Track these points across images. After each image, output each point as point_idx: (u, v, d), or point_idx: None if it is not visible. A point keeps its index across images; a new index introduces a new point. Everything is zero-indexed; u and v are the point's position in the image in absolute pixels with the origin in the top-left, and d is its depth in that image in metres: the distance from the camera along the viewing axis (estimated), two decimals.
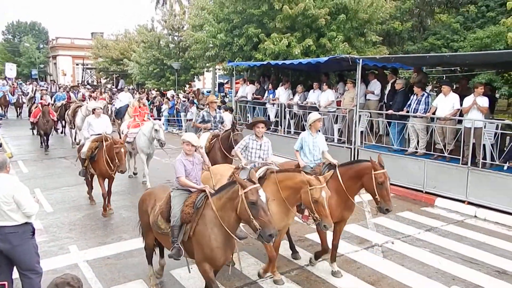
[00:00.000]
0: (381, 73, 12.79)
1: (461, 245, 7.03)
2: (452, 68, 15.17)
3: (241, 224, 4.63)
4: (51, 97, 20.67)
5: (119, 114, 17.21)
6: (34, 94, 21.73)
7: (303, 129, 13.28)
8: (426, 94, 10.17)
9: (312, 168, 6.27)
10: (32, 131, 16.66)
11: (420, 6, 18.56)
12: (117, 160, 7.94)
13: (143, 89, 28.25)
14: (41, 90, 20.07)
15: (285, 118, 13.92)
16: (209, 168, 5.38)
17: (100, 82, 41.38)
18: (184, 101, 20.07)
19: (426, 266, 6.25)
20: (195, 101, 19.91)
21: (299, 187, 5.05)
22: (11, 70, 39.75)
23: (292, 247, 6.61)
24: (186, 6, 30.86)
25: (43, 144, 15.13)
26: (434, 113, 9.71)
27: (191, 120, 17.42)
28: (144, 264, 6.19)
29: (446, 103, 9.50)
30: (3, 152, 9.80)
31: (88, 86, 32.36)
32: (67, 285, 2.64)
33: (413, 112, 10.05)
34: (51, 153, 14.79)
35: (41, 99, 17.01)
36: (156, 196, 5.28)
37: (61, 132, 19.26)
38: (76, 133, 15.45)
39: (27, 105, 24.04)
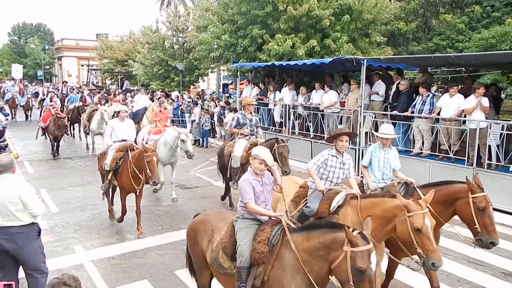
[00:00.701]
0: (386, 74, 12.75)
1: (467, 247, 6.99)
2: (457, 69, 15.11)
3: None
4: (62, 99, 19.99)
5: (135, 118, 15.81)
6: (46, 96, 20.70)
7: (308, 130, 13.34)
8: (431, 95, 10.13)
9: (382, 188, 5.39)
10: (44, 135, 15.30)
11: (424, 7, 18.50)
12: (148, 171, 6.88)
13: (148, 90, 28.31)
14: (50, 91, 19.03)
15: (289, 119, 13.92)
16: (281, 189, 4.30)
17: (105, 83, 41.55)
18: (189, 101, 20.12)
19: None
20: (199, 102, 19.95)
21: (391, 215, 4.11)
22: (17, 71, 39.76)
23: None
24: (190, 7, 30.93)
25: (53, 149, 14.40)
26: (438, 114, 9.68)
27: (195, 121, 17.45)
28: (149, 264, 6.23)
29: (451, 103, 9.47)
30: (9, 153, 9.87)
31: (93, 87, 32.43)
32: (63, 284, 2.62)
33: (418, 113, 10.01)
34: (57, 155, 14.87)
35: (50, 101, 16.26)
36: (212, 225, 4.33)
37: (72, 136, 18.57)
38: (91, 138, 14.83)
39: (38, 108, 23.24)
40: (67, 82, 32.59)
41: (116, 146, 7.76)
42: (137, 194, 7.45)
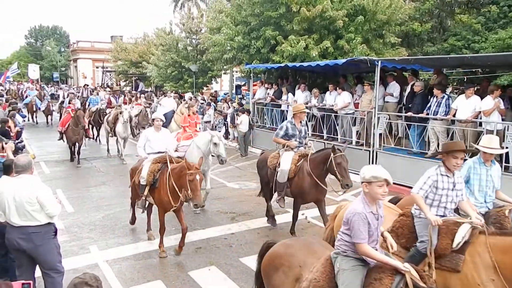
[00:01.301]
0: (400, 75, 12.65)
1: None
2: (473, 70, 14.89)
3: None
4: (83, 103, 19.30)
5: (163, 122, 16.36)
6: (65, 99, 20.10)
7: (321, 132, 13.28)
8: (446, 96, 10.01)
9: (485, 214, 4.52)
10: (62, 140, 14.27)
11: (440, 7, 18.27)
12: (189, 191, 5.93)
13: (162, 92, 28.52)
14: (69, 94, 18.17)
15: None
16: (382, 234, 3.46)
17: (119, 84, 41.99)
18: (202, 103, 20.21)
19: None
20: (212, 103, 20.05)
21: None
22: (34, 71, 39.82)
23: None
24: (204, 9, 31.10)
25: (72, 156, 13.44)
26: (454, 115, 9.55)
27: (208, 122, 17.50)
28: (162, 264, 6.27)
29: (467, 105, 9.34)
30: (27, 154, 10.03)
31: (107, 89, 32.79)
32: (85, 285, 2.64)
33: (433, 115, 9.90)
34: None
35: (69, 103, 15.29)
36: (299, 260, 3.53)
37: (95, 140, 17.61)
38: (119, 143, 13.94)
39: (57, 112, 22.41)
40: (87, 85, 32.15)
41: (152, 158, 6.91)
42: (177, 211, 6.59)
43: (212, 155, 8.86)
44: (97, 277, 2.76)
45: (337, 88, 12.68)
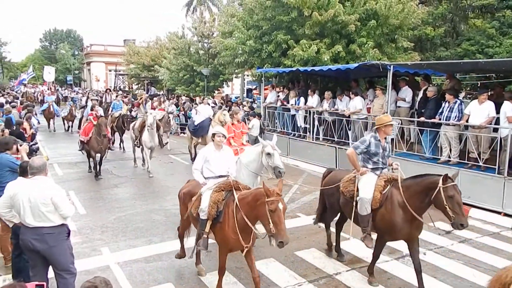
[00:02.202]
0: (412, 79, 12.56)
1: (497, 258, 6.79)
2: (487, 75, 14.73)
3: None
4: (107, 108, 18.25)
5: (199, 132, 13.68)
6: (86, 103, 18.59)
7: (332, 136, 13.23)
8: (458, 102, 9.91)
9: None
10: (83, 150, 12.77)
11: (453, 11, 18.12)
12: (271, 225, 4.62)
13: (173, 95, 28.69)
14: (93, 100, 16.18)
15: (314, 125, 13.86)
16: None
17: (132, 88, 42.37)
18: (213, 106, 20.27)
19: (459, 279, 6.07)
20: (224, 106, 20.11)
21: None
22: (49, 73, 39.53)
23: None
24: (216, 13, 31.24)
25: (92, 168, 12.38)
26: (467, 121, 9.45)
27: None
28: (173, 267, 6.29)
29: (480, 110, 9.24)
30: (41, 156, 10.16)
31: (120, 92, 33.11)
32: None
33: (446, 120, 9.81)
34: (83, 156, 15.08)
35: (91, 110, 13.48)
36: None
37: (119, 147, 16.79)
38: (145, 154, 12.66)
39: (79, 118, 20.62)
40: (110, 90, 30.47)
41: (212, 183, 5.55)
42: (247, 253, 5.22)
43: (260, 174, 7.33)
44: (107, 281, 2.79)
45: (349, 93, 12.63)
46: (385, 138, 6.09)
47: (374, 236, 5.91)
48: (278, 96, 16.14)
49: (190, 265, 6.39)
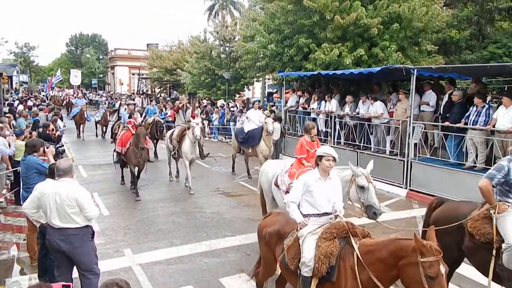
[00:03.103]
0: (437, 83, 12.34)
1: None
2: None
3: None
4: (142, 114, 16.61)
5: (250, 142, 12.33)
6: (119, 107, 17.12)
7: (354, 140, 13.11)
8: (486, 106, 9.67)
9: None
10: (119, 163, 11.65)
11: (479, 14, 17.78)
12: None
13: (195, 98, 28.98)
14: (129, 105, 14.26)
15: (335, 129, 13.77)
16: None
17: (154, 91, 42.98)
18: (233, 110, 20.39)
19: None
20: (244, 110, 20.21)
21: None
22: (76, 76, 39.35)
23: None
24: (237, 17, 31.51)
25: (128, 180, 11.27)
26: (494, 126, 9.22)
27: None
28: (194, 270, 6.34)
29: (507, 115, 9.01)
30: (67, 158, 10.40)
31: (143, 95, 33.65)
32: (115, 285, 2.79)
33: (472, 124, 9.59)
34: (107, 158, 15.38)
35: (129, 118, 11.67)
36: None
37: (155, 156, 15.37)
38: (186, 167, 11.18)
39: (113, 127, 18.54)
40: (146, 95, 28.91)
41: (315, 225, 4.21)
42: None
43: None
44: (127, 282, 2.90)
45: (370, 97, 12.50)
46: None
47: None
48: (298, 100, 16.08)
49: (210, 267, 6.43)
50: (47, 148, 6.63)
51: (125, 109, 14.51)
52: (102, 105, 23.17)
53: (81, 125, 21.01)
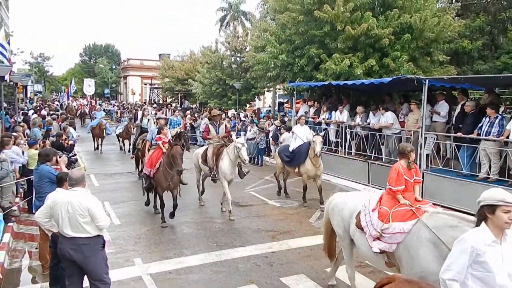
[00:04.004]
0: (449, 94, 12.25)
1: None
2: None
3: None
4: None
5: (295, 160, 10.87)
6: (141, 119, 15.44)
7: (364, 151, 13.04)
8: (499, 117, 9.56)
9: None
10: (149, 188, 9.79)
11: (491, 24, 17.65)
12: None
13: (206, 108, 29.14)
14: (158, 120, 12.41)
15: (346, 139, 13.71)
16: None
17: (166, 100, 43.36)
18: (244, 120, 20.43)
19: None
20: (255, 120, 20.26)
21: None
22: (89, 86, 39.24)
23: None
24: (248, 28, 31.71)
25: (154, 207, 9.90)
26: (508, 137, 9.11)
27: (252, 139, 17.46)
28: (204, 280, 6.32)
29: None
30: (80, 168, 10.50)
31: (155, 105, 33.92)
32: None
33: (485, 135, 9.48)
34: (119, 168, 15.55)
35: (159, 133, 9.97)
36: None
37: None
38: (225, 189, 9.71)
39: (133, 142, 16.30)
40: (171, 105, 26.92)
41: None
42: None
43: None
44: None
45: (381, 108, 12.46)
46: None
47: None
48: (308, 110, 16.08)
49: (220, 278, 6.40)
50: (60, 157, 6.72)
51: (148, 120, 14.03)
52: (125, 118, 21.58)
53: (100, 139, 19.85)
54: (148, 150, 10.68)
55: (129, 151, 18.11)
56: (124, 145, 20.02)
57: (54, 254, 5.48)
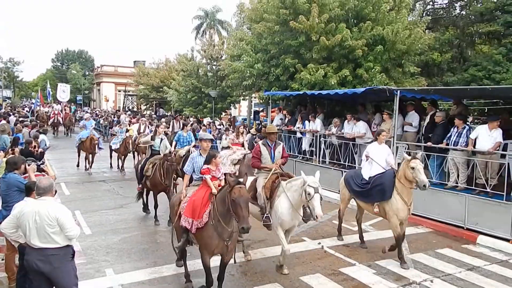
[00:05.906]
0: (419, 104, 12.59)
1: (506, 287, 6.66)
2: (494, 100, 14.74)
3: None
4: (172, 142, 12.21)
5: (373, 195, 8.00)
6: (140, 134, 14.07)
7: (338, 160, 13.21)
8: (467, 127, 9.90)
9: None
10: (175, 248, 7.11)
11: (460, 37, 18.33)
12: None
13: (181, 116, 28.97)
14: (163, 130, 11.13)
15: (320, 148, 13.86)
16: None
17: (140, 108, 42.84)
18: (219, 128, 20.38)
19: None
20: (230, 128, 20.22)
21: None
22: (64, 92, 33.86)
23: None
24: (225, 36, 31.81)
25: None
26: (474, 146, 9.42)
27: (227, 148, 17.21)
28: None
29: (489, 136, 9.20)
30: (48, 176, 10.20)
31: (129, 112, 33.44)
32: None
33: (453, 145, 9.78)
34: (91, 177, 15.24)
35: (208, 163, 6.43)
36: None
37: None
38: None
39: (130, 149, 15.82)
40: (182, 117, 23.88)
41: None
42: None
43: None
44: None
45: (354, 117, 12.69)
46: None
47: None
48: (281, 119, 16.22)
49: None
50: (29, 165, 6.53)
51: (162, 140, 10.50)
52: (121, 129, 18.03)
53: (91, 155, 16.29)
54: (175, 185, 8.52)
55: (121, 168, 16.69)
56: (123, 163, 16.85)
57: (22, 265, 5.30)
